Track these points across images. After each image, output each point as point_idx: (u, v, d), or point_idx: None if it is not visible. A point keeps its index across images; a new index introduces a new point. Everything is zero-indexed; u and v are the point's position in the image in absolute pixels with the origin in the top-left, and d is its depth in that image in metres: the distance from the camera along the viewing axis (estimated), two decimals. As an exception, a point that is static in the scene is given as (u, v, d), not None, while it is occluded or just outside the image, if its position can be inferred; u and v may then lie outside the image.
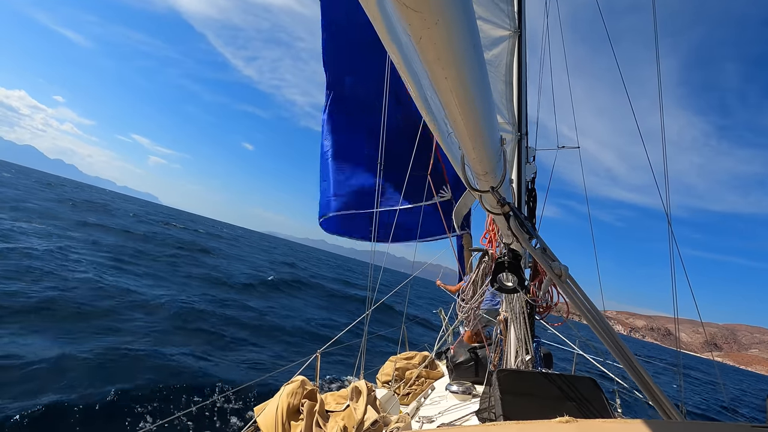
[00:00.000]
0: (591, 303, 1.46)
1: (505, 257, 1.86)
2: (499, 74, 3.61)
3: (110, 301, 9.42)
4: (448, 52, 0.71)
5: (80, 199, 42.04)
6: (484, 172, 1.31)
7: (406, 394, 3.86)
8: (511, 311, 3.64)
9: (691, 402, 15.75)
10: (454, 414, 3.01)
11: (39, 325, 7.06)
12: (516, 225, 1.46)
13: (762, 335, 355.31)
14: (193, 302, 11.40)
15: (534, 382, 2.55)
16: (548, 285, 3.36)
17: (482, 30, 3.38)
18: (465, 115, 0.95)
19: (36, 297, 8.15)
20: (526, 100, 4.04)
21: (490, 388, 2.70)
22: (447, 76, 0.79)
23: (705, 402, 17.66)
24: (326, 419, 2.19)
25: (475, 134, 1.07)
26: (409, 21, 0.64)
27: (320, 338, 11.02)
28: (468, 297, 3.50)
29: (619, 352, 1.33)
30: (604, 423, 0.83)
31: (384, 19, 0.83)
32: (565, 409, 2.30)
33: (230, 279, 17.40)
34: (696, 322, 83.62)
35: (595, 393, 2.50)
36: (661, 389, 1.36)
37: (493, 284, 2.01)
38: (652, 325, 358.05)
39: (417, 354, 4.48)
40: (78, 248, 14.62)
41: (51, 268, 10.59)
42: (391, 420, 2.34)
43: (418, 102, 1.21)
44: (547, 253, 1.48)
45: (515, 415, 2.29)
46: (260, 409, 2.29)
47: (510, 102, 3.72)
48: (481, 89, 0.92)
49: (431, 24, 0.63)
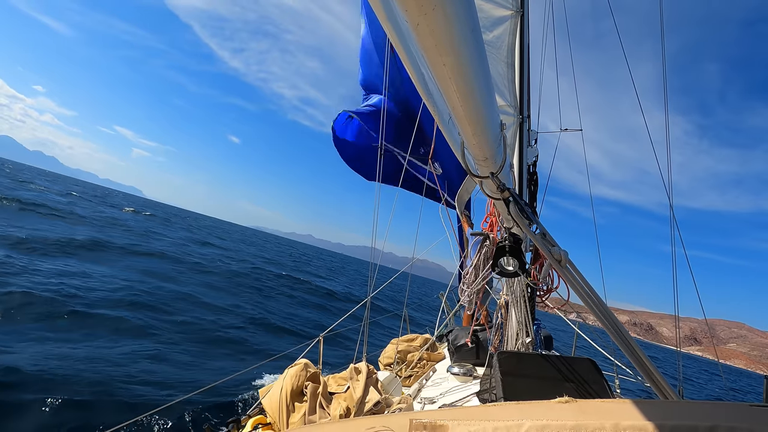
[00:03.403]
0: (591, 287, 1.47)
1: (506, 241, 1.86)
2: (501, 56, 3.54)
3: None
4: (446, 39, 0.70)
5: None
6: (484, 157, 1.30)
7: (408, 376, 3.93)
8: (512, 294, 3.67)
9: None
10: (455, 395, 3.07)
11: None
12: (516, 210, 1.46)
13: (739, 329, 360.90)
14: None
15: (534, 364, 2.59)
16: (548, 269, 3.37)
17: (483, 9, 3.30)
18: (463, 102, 0.94)
19: None
20: (529, 82, 3.97)
21: (490, 369, 2.74)
22: (445, 63, 0.77)
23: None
24: (329, 401, 2.23)
25: (474, 120, 1.06)
26: (405, 7, 0.63)
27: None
28: (470, 281, 3.53)
29: (618, 335, 1.35)
30: (603, 403, 0.84)
31: (383, 2, 0.81)
32: (564, 390, 2.34)
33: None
34: (677, 317, 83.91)
35: (594, 374, 2.54)
36: (659, 370, 1.38)
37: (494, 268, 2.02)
38: (634, 320, 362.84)
39: (418, 336, 4.54)
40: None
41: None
42: (394, 401, 2.39)
43: (418, 86, 1.20)
44: (547, 238, 1.48)
45: (515, 395, 2.33)
46: (265, 391, 2.35)
47: (512, 84, 3.66)
48: (480, 75, 0.91)
49: (428, 10, 0.62)
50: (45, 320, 7.29)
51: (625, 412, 0.77)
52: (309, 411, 2.11)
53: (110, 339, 7.21)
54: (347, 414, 2.13)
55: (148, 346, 7.30)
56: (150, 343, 7.52)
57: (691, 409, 0.81)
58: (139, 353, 6.86)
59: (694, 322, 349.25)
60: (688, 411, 0.80)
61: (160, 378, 6.14)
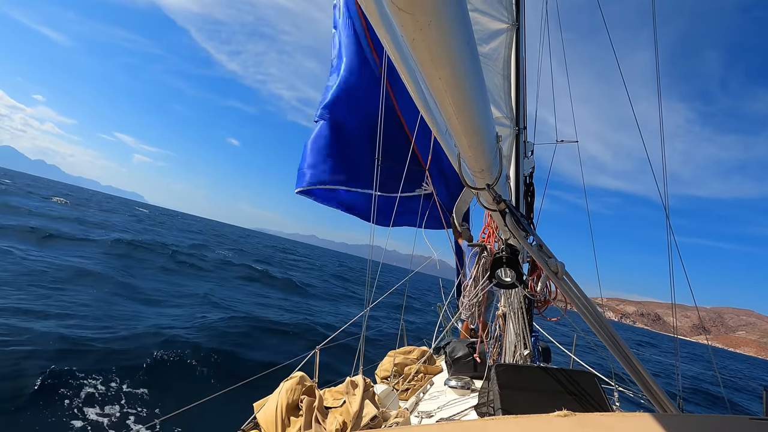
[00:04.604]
0: (588, 299, 1.47)
1: (502, 252, 1.86)
2: (497, 68, 3.59)
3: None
4: (442, 53, 0.71)
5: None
6: (480, 169, 1.31)
7: (405, 390, 3.88)
8: (510, 306, 3.66)
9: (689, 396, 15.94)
10: (453, 409, 3.03)
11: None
12: (512, 222, 1.46)
13: (748, 317, 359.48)
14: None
15: (533, 377, 2.57)
16: (546, 280, 3.37)
17: (479, 23, 3.35)
18: (459, 114, 0.95)
19: None
20: (525, 94, 4.01)
21: (488, 382, 2.72)
22: (441, 77, 0.78)
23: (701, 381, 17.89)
24: (325, 415, 2.20)
25: (469, 132, 1.07)
26: (401, 22, 0.63)
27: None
28: (470, 293, 3.52)
29: (616, 348, 1.34)
30: (602, 416, 0.83)
31: (381, 16, 0.83)
32: (563, 403, 2.32)
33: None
34: (685, 306, 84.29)
35: (594, 387, 2.52)
36: (657, 383, 1.37)
37: (491, 280, 2.01)
38: (642, 310, 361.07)
39: (415, 349, 4.49)
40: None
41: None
42: (391, 415, 2.36)
43: (416, 99, 1.21)
44: (544, 250, 1.48)
45: (514, 409, 2.31)
46: (259, 405, 2.31)
47: (508, 96, 3.70)
48: (476, 88, 0.92)
49: (424, 25, 0.63)
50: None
51: (624, 426, 0.76)
52: (304, 426, 2.08)
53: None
54: (343, 429, 2.10)
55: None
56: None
57: (690, 423, 0.81)
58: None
59: (702, 311, 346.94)
60: (688, 425, 0.80)
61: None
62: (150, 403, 5.43)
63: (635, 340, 49.08)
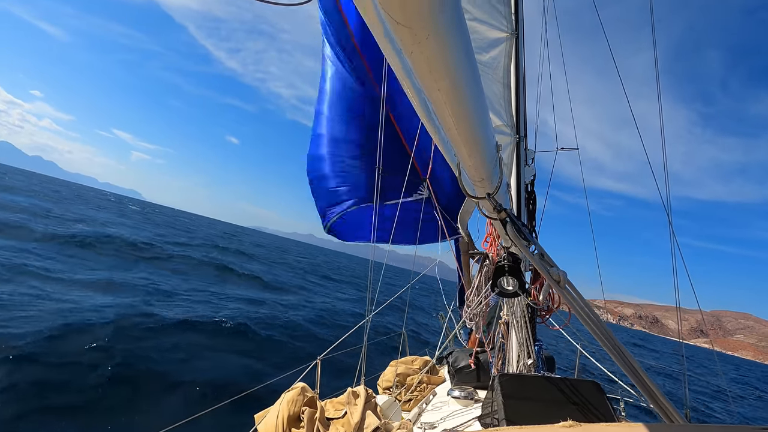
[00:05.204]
0: (590, 307, 1.46)
1: (504, 261, 1.86)
2: (497, 77, 3.61)
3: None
4: (440, 65, 0.71)
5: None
6: (480, 179, 1.31)
7: (407, 400, 3.84)
8: (512, 315, 3.63)
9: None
10: (456, 420, 3.00)
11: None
12: (513, 231, 1.46)
13: (746, 320, 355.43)
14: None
15: (537, 387, 2.54)
16: (548, 288, 3.35)
17: (479, 32, 3.38)
18: (458, 125, 0.95)
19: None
20: (525, 102, 4.02)
21: (492, 393, 2.69)
22: (440, 88, 0.79)
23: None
24: (327, 426, 2.18)
25: (469, 142, 1.07)
26: (400, 36, 0.64)
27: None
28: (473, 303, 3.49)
29: (620, 357, 1.32)
30: (608, 427, 0.82)
31: (383, 29, 0.83)
32: (567, 413, 2.29)
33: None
34: (684, 309, 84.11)
35: (598, 397, 2.49)
36: (663, 393, 1.35)
37: (493, 288, 2.00)
38: (640, 313, 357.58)
39: (418, 359, 4.46)
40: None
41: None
42: (393, 426, 2.33)
43: (418, 109, 1.21)
44: (545, 258, 1.47)
45: (518, 419, 2.28)
46: (260, 417, 2.29)
47: (508, 104, 3.71)
48: (475, 98, 0.92)
49: (422, 39, 0.63)
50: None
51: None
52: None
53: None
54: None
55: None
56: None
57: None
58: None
59: (700, 314, 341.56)
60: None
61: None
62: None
63: (631, 342, 48.65)
